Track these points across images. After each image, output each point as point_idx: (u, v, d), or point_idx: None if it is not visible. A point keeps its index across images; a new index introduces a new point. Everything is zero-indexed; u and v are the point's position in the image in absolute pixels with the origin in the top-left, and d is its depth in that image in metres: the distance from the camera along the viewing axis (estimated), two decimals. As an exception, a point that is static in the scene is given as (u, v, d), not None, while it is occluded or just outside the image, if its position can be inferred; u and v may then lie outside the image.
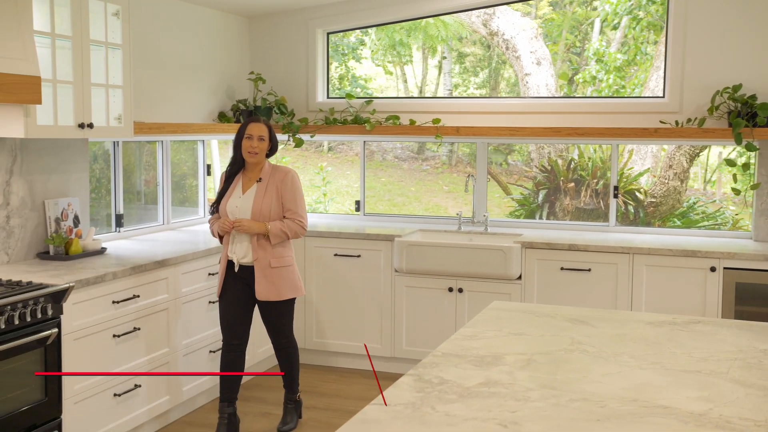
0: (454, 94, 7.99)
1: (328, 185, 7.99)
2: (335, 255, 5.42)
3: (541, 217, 6.95)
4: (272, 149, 4.11)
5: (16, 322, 3.20)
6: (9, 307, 3.18)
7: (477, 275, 5.08)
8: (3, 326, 3.14)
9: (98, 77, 4.08)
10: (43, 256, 4.09)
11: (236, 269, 4.05)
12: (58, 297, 3.41)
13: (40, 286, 3.38)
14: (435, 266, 5.15)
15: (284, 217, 4.05)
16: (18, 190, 4.01)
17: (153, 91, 5.11)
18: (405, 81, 8.65)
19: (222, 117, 5.78)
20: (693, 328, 2.77)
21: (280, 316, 4.16)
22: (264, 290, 4.02)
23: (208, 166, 5.86)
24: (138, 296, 3.97)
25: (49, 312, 3.36)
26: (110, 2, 4.14)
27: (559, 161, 7.02)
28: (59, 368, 3.46)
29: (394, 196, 8.07)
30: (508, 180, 7.39)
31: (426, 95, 8.28)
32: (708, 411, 1.93)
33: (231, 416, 4.18)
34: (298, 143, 5.85)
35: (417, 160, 7.99)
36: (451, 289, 5.16)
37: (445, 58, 8.27)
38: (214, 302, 4.63)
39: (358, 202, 6.14)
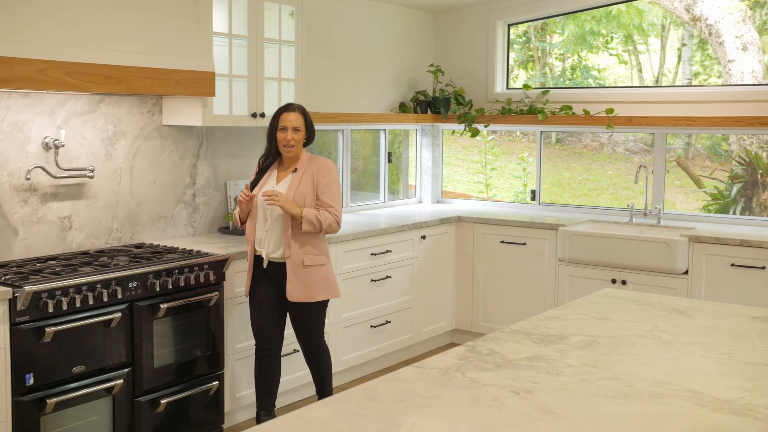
0: (694, 83, 7.66)
1: (528, 176, 8.02)
2: (501, 242, 5.55)
3: (735, 212, 6.57)
4: (309, 138, 3.80)
5: (182, 284, 3.72)
6: (177, 270, 3.71)
7: (641, 268, 4.99)
8: (170, 287, 3.67)
9: (271, 72, 4.55)
10: (224, 230, 4.64)
11: (265, 265, 3.76)
12: (220, 265, 3.90)
13: (206, 255, 3.89)
14: (598, 257, 5.11)
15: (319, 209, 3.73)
16: (203, 171, 4.59)
17: (334, 83, 5.54)
18: (640, 70, 8.45)
19: (402, 107, 6.10)
20: (799, 325, 2.64)
21: (309, 320, 3.81)
22: (295, 291, 3.69)
23: (389, 154, 6.22)
24: (298, 269, 4.39)
25: (212, 278, 3.86)
26: (285, 4, 4.59)
27: (763, 153, 6.58)
28: (221, 329, 3.95)
29: (618, 189, 7.94)
30: (701, 173, 7.02)
31: (605, 85, 8.06)
32: (737, 399, 1.91)
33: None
34: (474, 133, 6.03)
35: (650, 152, 7.74)
36: (614, 281, 5.11)
37: (684, 45, 7.99)
38: (375, 281, 4.96)
39: (533, 192, 6.21)
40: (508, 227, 5.52)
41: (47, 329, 3.20)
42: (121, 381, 3.50)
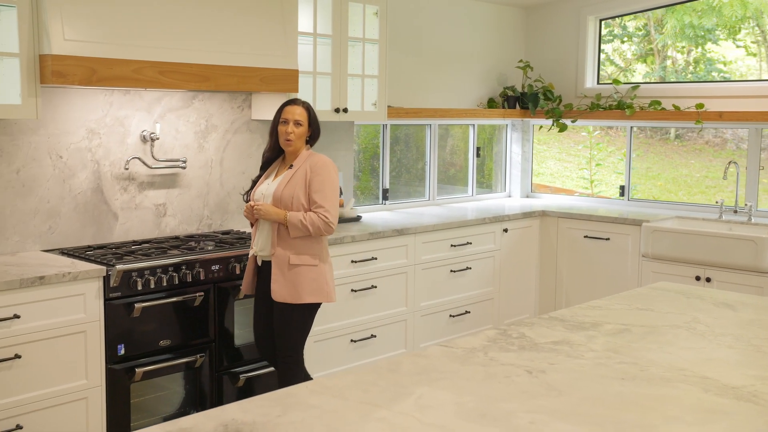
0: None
1: (631, 171, 7.85)
2: (585, 237, 5.57)
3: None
4: (313, 135, 3.65)
5: (261, 268, 3.99)
6: (257, 255, 3.98)
7: (727, 266, 4.90)
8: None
9: (355, 69, 4.76)
10: (309, 220, 4.89)
11: (260, 263, 3.63)
12: (299, 251, 4.14)
13: (285, 242, 4.14)
14: (682, 253, 5.06)
15: (309, 209, 3.53)
16: (290, 164, 4.86)
17: (422, 79, 5.71)
18: (770, 62, 8.17)
19: (491, 103, 6.20)
20: None
21: (289, 324, 3.57)
22: (280, 289, 3.50)
23: (478, 149, 6.32)
24: (376, 258, 4.59)
25: (290, 263, 4.11)
26: (369, 4, 4.78)
27: None
28: (300, 310, 4.19)
29: (741, 186, 7.73)
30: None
31: (690, 80, 7.82)
32: (746, 386, 1.96)
33: None
34: (562, 128, 6.06)
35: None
36: (698, 278, 5.04)
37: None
38: (455, 271, 5.10)
39: (622, 188, 6.17)
40: (592, 222, 5.53)
41: (136, 305, 3.52)
42: (203, 356, 3.80)
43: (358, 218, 4.99)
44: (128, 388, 3.56)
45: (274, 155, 3.69)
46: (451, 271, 5.10)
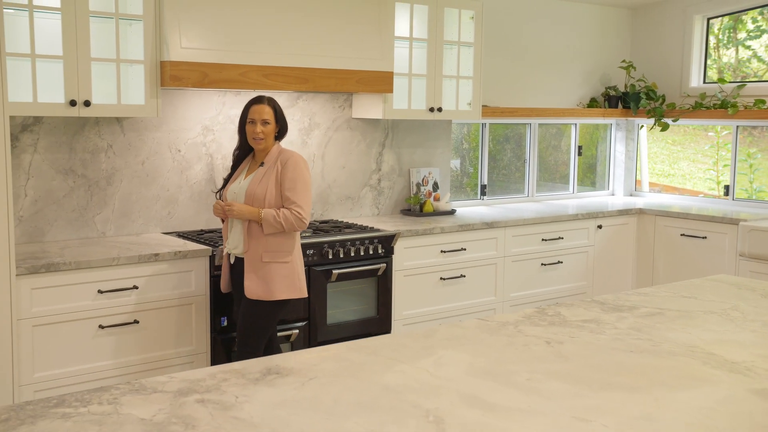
0: None
1: (755, 172, 7.63)
2: (682, 235, 5.60)
3: None
4: (281, 131, 3.67)
5: (353, 254, 4.35)
6: (349, 242, 4.34)
7: (824, 266, 4.85)
8: (341, 256, 4.31)
9: (450, 70, 5.04)
10: (405, 212, 5.22)
11: (232, 261, 3.68)
12: (389, 240, 4.48)
13: (376, 230, 4.49)
14: (778, 253, 5.04)
15: (282, 206, 3.57)
16: (388, 159, 5.20)
17: (521, 80, 5.91)
18: None
19: (593, 102, 6.31)
20: None
21: (257, 318, 3.60)
22: (254, 286, 3.53)
23: (580, 148, 6.45)
24: (465, 249, 4.86)
25: (380, 251, 4.45)
26: (465, 8, 5.05)
27: None
28: (389, 296, 4.53)
29: None
30: None
31: None
32: (746, 362, 2.12)
33: None
34: (664, 127, 6.09)
35: None
36: (795, 279, 5.00)
37: None
38: (546, 264, 5.28)
39: (727, 187, 6.13)
40: (689, 220, 5.56)
41: (237, 282, 3.96)
42: (298, 331, 4.20)
43: (452, 212, 5.27)
44: (230, 356, 4.00)
45: (244, 153, 3.74)
46: (542, 264, 5.28)
